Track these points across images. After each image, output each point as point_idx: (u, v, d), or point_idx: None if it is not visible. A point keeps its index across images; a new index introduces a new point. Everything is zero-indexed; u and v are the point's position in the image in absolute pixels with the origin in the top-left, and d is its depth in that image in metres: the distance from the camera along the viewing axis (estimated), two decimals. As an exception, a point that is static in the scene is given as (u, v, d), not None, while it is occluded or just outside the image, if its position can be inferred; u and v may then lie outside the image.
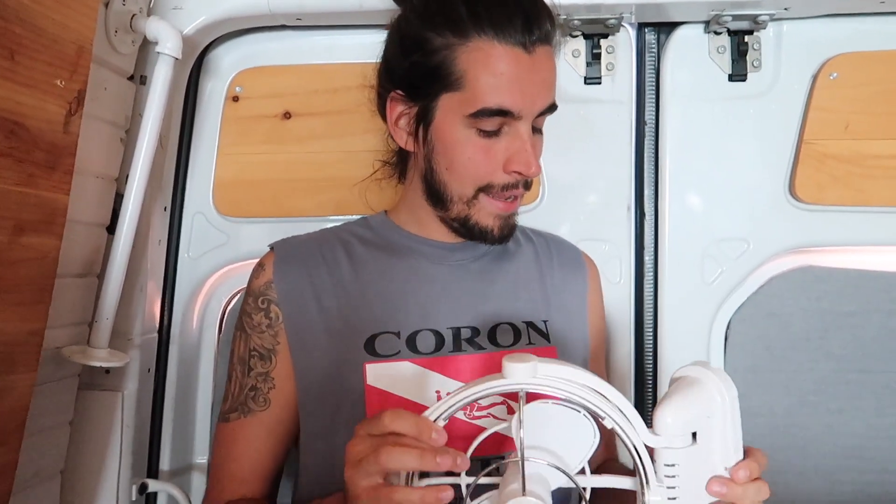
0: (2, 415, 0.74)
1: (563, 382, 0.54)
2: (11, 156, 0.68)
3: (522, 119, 0.73)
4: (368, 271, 0.82)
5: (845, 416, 1.07)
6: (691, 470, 0.55)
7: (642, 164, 1.09)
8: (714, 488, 0.55)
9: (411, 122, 0.79)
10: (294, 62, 1.10)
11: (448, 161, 0.76)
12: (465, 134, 0.74)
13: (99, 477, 1.00)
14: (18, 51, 0.66)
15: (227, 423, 0.80)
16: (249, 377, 0.80)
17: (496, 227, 0.79)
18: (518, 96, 0.72)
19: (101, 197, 0.95)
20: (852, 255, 1.10)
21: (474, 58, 0.72)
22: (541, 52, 0.73)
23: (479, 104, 0.72)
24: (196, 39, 1.02)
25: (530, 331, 0.82)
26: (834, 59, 1.03)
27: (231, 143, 1.10)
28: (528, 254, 0.90)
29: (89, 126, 0.83)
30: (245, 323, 0.81)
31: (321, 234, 0.87)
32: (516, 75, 0.72)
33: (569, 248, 0.96)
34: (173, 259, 1.11)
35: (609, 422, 0.54)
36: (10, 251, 0.70)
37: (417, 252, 0.84)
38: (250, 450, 0.79)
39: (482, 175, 0.75)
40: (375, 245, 0.85)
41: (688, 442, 0.55)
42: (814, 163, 1.04)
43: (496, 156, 0.75)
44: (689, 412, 0.55)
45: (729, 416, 0.55)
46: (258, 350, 0.80)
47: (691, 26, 1.07)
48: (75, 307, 0.93)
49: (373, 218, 0.89)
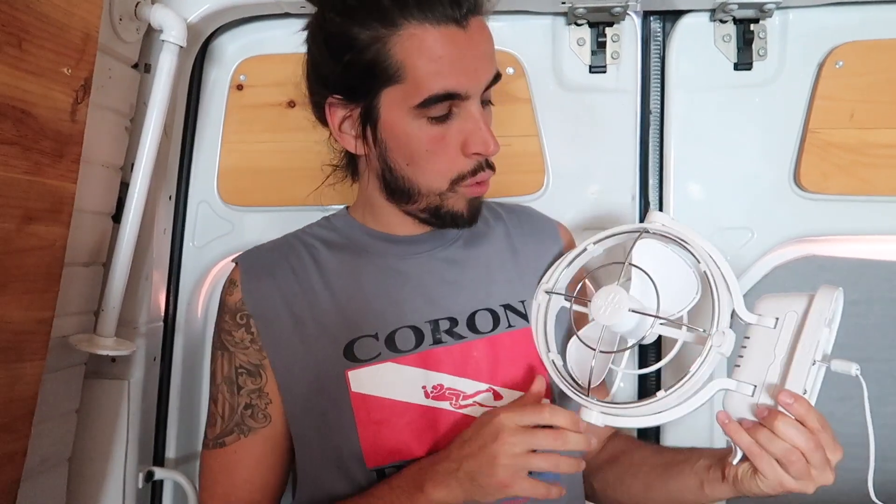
0: (11, 403, 0.74)
1: (684, 232, 0.69)
2: (19, 144, 0.68)
3: (471, 98, 0.71)
4: (337, 276, 0.79)
5: (847, 405, 1.07)
6: (758, 350, 0.65)
7: (647, 154, 1.09)
8: (783, 398, 0.62)
9: (356, 125, 0.75)
10: (298, 50, 1.09)
11: (407, 157, 0.73)
12: (415, 125, 0.71)
13: (105, 465, 1.01)
14: (26, 38, 0.66)
15: (223, 448, 0.77)
16: (241, 395, 0.77)
17: (466, 210, 0.77)
18: (462, 76, 0.69)
19: (107, 186, 0.95)
20: (856, 244, 1.10)
21: (408, 46, 0.68)
22: (475, 24, 0.70)
23: (424, 93, 0.69)
24: (200, 27, 1.02)
25: (508, 313, 0.81)
26: (840, 47, 1.03)
27: (235, 131, 1.10)
28: (499, 233, 0.87)
29: (94, 115, 0.83)
30: (226, 341, 0.78)
31: (285, 242, 0.84)
32: (456, 55, 0.69)
33: (539, 218, 0.93)
34: (178, 248, 1.11)
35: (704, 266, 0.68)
36: (18, 239, 0.70)
37: (384, 250, 0.81)
38: (258, 472, 0.77)
39: (448, 166, 0.73)
40: (341, 247, 0.82)
41: (770, 323, 0.65)
42: (818, 152, 1.04)
43: (452, 141, 0.72)
44: (782, 302, 0.66)
45: (802, 326, 0.63)
46: (245, 367, 0.77)
47: (697, 15, 1.06)
48: (81, 296, 0.94)
49: (335, 218, 0.86)
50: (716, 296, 0.66)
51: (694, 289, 0.67)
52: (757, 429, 0.63)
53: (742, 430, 0.64)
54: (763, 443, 0.62)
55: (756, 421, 0.64)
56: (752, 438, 0.63)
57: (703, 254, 0.69)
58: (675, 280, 0.68)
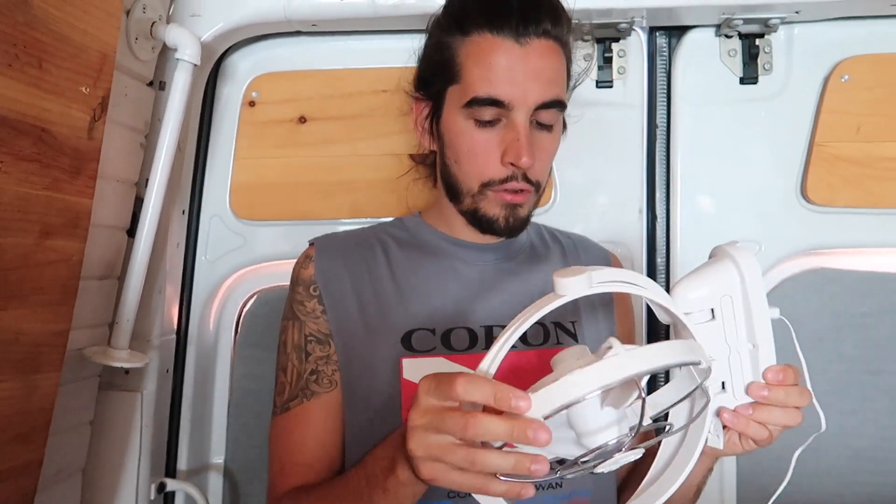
0: (28, 413, 0.75)
1: (619, 284, 0.54)
2: (38, 161, 0.69)
3: (515, 110, 0.74)
4: (403, 270, 0.84)
5: (858, 418, 1.07)
6: (710, 348, 0.57)
7: (654, 167, 1.10)
8: (756, 392, 0.60)
9: (428, 120, 0.82)
10: (309, 67, 1.12)
11: (455, 154, 0.79)
12: (464, 125, 0.77)
13: (118, 476, 1.02)
14: (46, 59, 0.68)
15: (287, 413, 0.80)
16: (308, 362, 0.80)
17: (502, 216, 0.79)
18: (507, 86, 0.74)
19: (122, 201, 0.97)
20: (864, 256, 1.10)
21: (470, 50, 0.76)
22: (536, 45, 0.74)
23: (470, 94, 0.75)
24: (214, 46, 1.04)
25: (558, 331, 0.83)
26: (845, 61, 1.04)
27: (247, 146, 1.12)
28: (557, 256, 0.91)
29: (110, 131, 0.85)
30: (297, 311, 0.82)
31: (359, 233, 0.89)
32: (506, 65, 0.74)
33: (595, 247, 0.97)
34: (191, 262, 1.12)
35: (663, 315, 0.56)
36: (36, 254, 0.72)
37: (451, 253, 0.85)
38: (316, 434, 0.79)
39: (481, 169, 0.77)
40: (410, 245, 0.87)
41: (706, 318, 0.59)
42: (825, 165, 1.04)
43: (493, 147, 0.76)
44: (704, 289, 0.58)
45: (746, 300, 0.57)
46: (315, 335, 0.81)
47: (702, 30, 1.07)
48: (96, 309, 0.95)
49: (407, 219, 0.91)
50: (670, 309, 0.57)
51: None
52: (759, 410, 0.61)
53: (749, 420, 0.61)
54: (770, 420, 0.61)
55: (748, 403, 0.61)
56: (759, 422, 0.61)
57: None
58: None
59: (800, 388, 0.61)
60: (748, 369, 0.61)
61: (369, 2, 0.99)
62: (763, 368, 0.60)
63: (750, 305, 0.59)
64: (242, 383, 1.13)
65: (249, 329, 1.13)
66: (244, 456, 1.13)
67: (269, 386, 1.09)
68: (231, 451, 1.14)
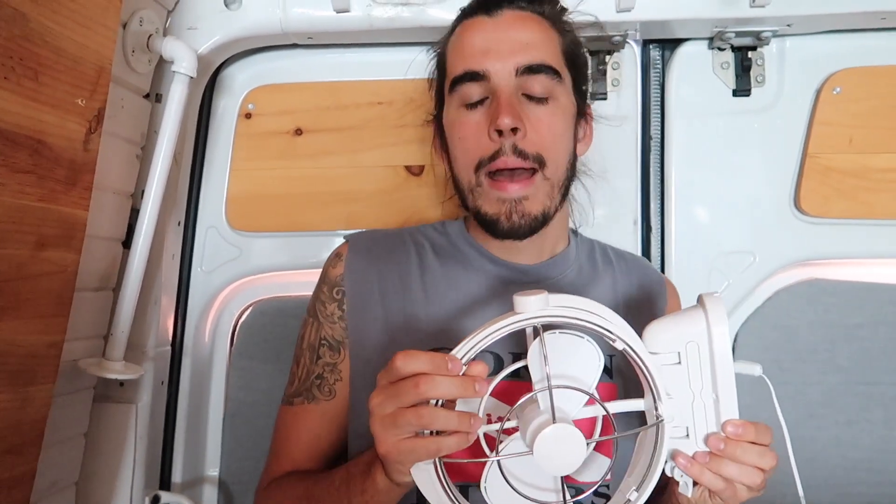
0: (22, 426, 0.75)
1: (576, 311, 0.56)
2: (34, 173, 0.70)
3: (493, 77, 0.73)
4: (436, 282, 0.81)
5: (854, 429, 1.07)
6: (675, 392, 0.59)
7: (648, 179, 1.11)
8: (713, 444, 0.59)
9: (439, 136, 0.83)
10: (305, 80, 1.13)
11: (453, 149, 0.78)
12: (455, 115, 0.77)
13: (112, 488, 1.01)
14: (42, 71, 0.68)
15: (291, 407, 0.81)
16: (317, 365, 0.80)
17: (503, 213, 0.74)
18: (479, 56, 0.74)
19: (118, 212, 0.97)
20: (858, 267, 1.10)
21: (451, 44, 0.79)
22: (509, 14, 0.75)
23: (451, 77, 0.76)
24: (210, 58, 1.05)
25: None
26: (837, 73, 1.05)
27: (244, 158, 1.12)
28: (606, 282, 0.86)
29: (107, 143, 0.85)
30: (318, 311, 0.82)
31: (397, 234, 0.87)
32: (479, 39, 0.74)
33: (648, 271, 0.91)
34: (186, 273, 1.12)
35: (620, 343, 0.57)
36: (31, 265, 0.72)
37: (487, 271, 0.82)
38: (310, 435, 0.80)
39: (472, 150, 0.75)
40: (447, 254, 0.84)
41: (673, 360, 0.59)
42: (818, 176, 1.05)
43: (482, 126, 0.74)
44: (672, 332, 0.59)
45: (711, 349, 0.58)
46: (328, 340, 0.81)
47: (695, 43, 1.08)
48: (91, 320, 0.95)
49: (451, 224, 0.88)
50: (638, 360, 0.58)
51: (595, 357, 0.59)
52: (715, 461, 0.59)
53: (704, 468, 0.59)
54: (724, 473, 0.59)
55: (706, 452, 0.60)
56: (713, 472, 0.59)
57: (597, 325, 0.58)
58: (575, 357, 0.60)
59: (760, 448, 0.59)
60: (711, 419, 0.60)
61: (365, 15, 1.00)
62: (724, 420, 0.59)
63: (714, 355, 0.59)
64: (238, 395, 1.12)
65: (245, 341, 1.13)
66: (239, 468, 1.12)
67: (265, 398, 1.09)
68: (226, 464, 1.13)
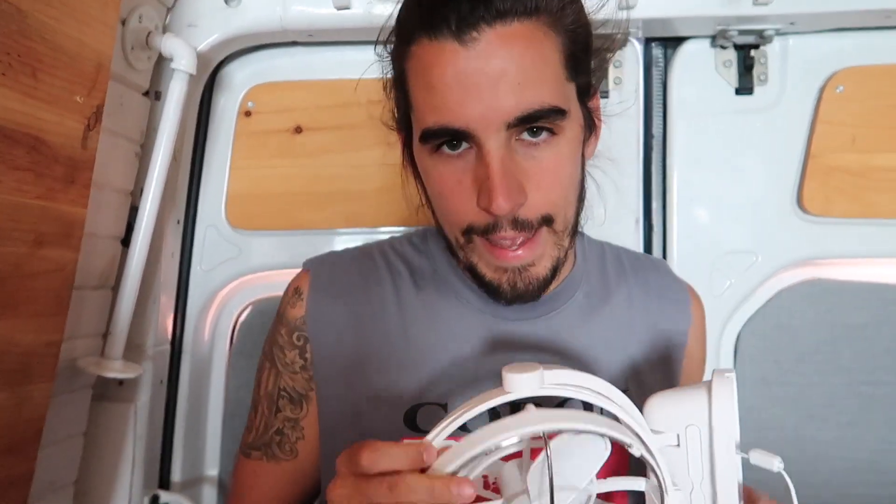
0: (19, 425, 0.75)
1: (573, 389, 0.48)
2: (32, 170, 0.69)
3: (478, 135, 0.55)
4: (417, 320, 0.68)
5: (856, 430, 1.06)
6: (674, 475, 0.51)
7: (650, 177, 1.10)
8: None
9: (407, 152, 0.66)
10: (305, 78, 1.12)
11: (431, 196, 0.63)
12: (429, 161, 0.59)
13: (111, 488, 1.01)
14: (40, 68, 0.68)
15: (249, 460, 0.72)
16: (276, 419, 0.70)
17: (504, 280, 0.61)
18: (455, 107, 0.54)
19: (117, 210, 0.97)
20: (861, 267, 1.10)
21: (412, 66, 0.57)
22: (487, 38, 0.53)
23: (421, 126, 0.57)
24: (210, 56, 1.04)
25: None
26: (840, 72, 1.04)
27: (243, 156, 1.12)
28: (620, 302, 0.73)
29: (105, 141, 0.85)
30: (276, 357, 0.71)
31: (367, 257, 0.72)
32: (452, 78, 0.53)
33: (670, 283, 0.78)
34: (186, 271, 1.12)
35: (637, 449, 0.48)
36: (29, 263, 0.71)
37: (477, 306, 0.68)
38: (271, 494, 0.71)
39: (457, 214, 0.59)
40: (429, 283, 0.70)
41: (672, 441, 0.52)
42: (821, 175, 1.04)
43: (466, 186, 0.57)
44: (673, 410, 0.51)
45: (711, 436, 0.50)
46: (288, 392, 0.70)
47: (697, 41, 1.08)
48: (90, 319, 0.95)
49: (433, 240, 0.72)
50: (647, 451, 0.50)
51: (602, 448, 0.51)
52: None
53: None
54: None
55: None
56: None
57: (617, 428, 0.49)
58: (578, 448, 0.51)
59: None
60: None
61: (366, 12, 0.99)
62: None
63: (713, 443, 0.50)
64: (237, 394, 1.12)
65: (244, 339, 1.13)
66: (238, 468, 1.12)
67: (264, 397, 1.09)
68: (225, 463, 1.13)
